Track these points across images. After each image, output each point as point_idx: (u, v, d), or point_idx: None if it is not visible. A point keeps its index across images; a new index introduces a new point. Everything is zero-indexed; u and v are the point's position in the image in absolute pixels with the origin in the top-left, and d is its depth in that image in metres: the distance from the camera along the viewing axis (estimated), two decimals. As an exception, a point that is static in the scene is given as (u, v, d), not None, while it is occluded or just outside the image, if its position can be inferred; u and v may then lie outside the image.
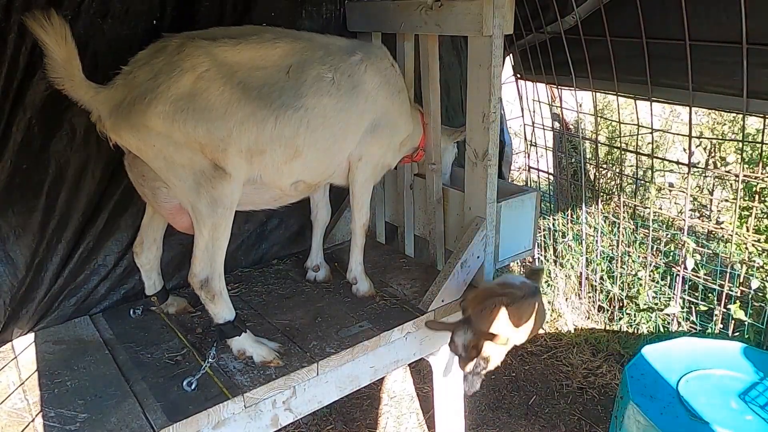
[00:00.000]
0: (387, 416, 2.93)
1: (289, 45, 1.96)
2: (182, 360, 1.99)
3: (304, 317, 2.26)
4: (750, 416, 2.05)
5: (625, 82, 3.05)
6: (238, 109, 1.81)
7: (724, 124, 4.62)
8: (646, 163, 3.93)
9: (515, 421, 2.87)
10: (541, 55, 3.41)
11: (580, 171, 3.66)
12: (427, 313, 2.26)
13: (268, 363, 1.94)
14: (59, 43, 1.62)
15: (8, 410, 1.78)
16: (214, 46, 1.80)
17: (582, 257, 3.61)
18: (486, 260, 2.39)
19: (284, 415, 1.95)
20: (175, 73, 1.73)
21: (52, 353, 2.05)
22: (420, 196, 2.70)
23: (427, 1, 2.19)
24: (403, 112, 2.32)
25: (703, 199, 4.25)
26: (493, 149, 2.24)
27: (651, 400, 2.13)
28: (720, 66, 2.60)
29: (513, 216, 2.49)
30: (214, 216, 1.85)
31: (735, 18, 2.38)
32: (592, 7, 2.95)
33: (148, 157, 1.82)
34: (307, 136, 1.97)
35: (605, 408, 2.91)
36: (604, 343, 3.33)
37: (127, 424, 1.69)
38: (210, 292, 1.91)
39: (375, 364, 2.18)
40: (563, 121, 3.87)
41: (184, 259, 2.40)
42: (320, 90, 1.98)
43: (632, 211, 3.52)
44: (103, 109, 1.75)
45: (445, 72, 3.00)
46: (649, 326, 3.26)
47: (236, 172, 1.86)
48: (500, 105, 3.54)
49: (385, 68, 2.22)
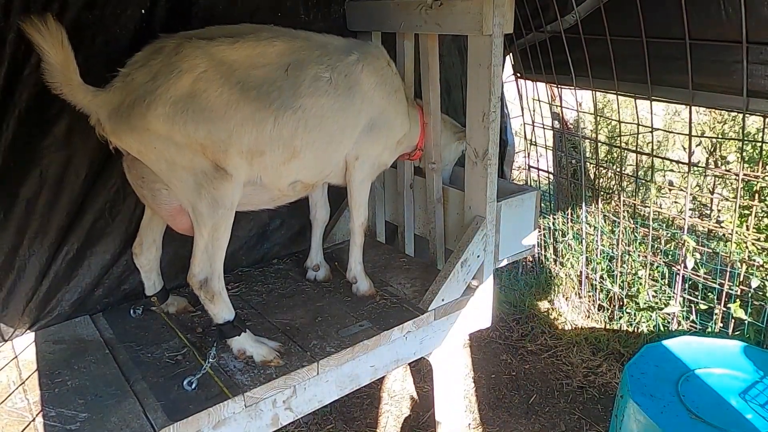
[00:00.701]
0: (387, 416, 2.93)
1: (286, 44, 1.95)
2: (182, 359, 1.99)
3: (304, 316, 2.26)
4: (750, 415, 2.05)
5: (625, 82, 3.05)
6: (238, 109, 1.81)
7: (725, 123, 4.62)
8: (647, 162, 3.93)
9: (515, 419, 2.87)
10: (541, 55, 3.41)
11: (580, 170, 3.66)
12: (427, 313, 2.26)
13: (269, 362, 1.94)
14: (56, 48, 1.62)
15: (9, 410, 1.78)
16: (211, 46, 1.80)
17: (582, 256, 3.61)
18: (486, 259, 2.39)
19: (284, 415, 1.95)
20: (173, 74, 1.73)
21: (53, 353, 2.06)
22: (420, 196, 2.70)
23: (427, 1, 2.19)
24: (400, 112, 2.33)
25: (703, 199, 4.24)
26: (493, 149, 2.24)
27: (651, 399, 2.13)
28: (720, 65, 2.60)
29: (513, 215, 2.49)
30: (215, 217, 1.85)
31: (735, 16, 2.38)
32: (592, 6, 2.95)
33: (149, 160, 1.82)
34: (304, 137, 1.97)
35: (605, 407, 2.91)
36: (604, 342, 3.33)
37: (128, 423, 1.69)
38: (209, 293, 1.91)
39: (375, 364, 2.18)
40: (563, 120, 3.87)
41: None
42: (318, 90, 1.98)
43: (632, 211, 3.52)
44: (102, 112, 1.75)
45: (445, 72, 3.00)
46: (649, 325, 3.26)
47: (237, 173, 1.86)
48: (504, 104, 3.56)
49: (381, 68, 2.22)
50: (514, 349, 3.41)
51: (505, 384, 3.13)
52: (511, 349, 3.41)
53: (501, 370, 3.23)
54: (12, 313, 2.13)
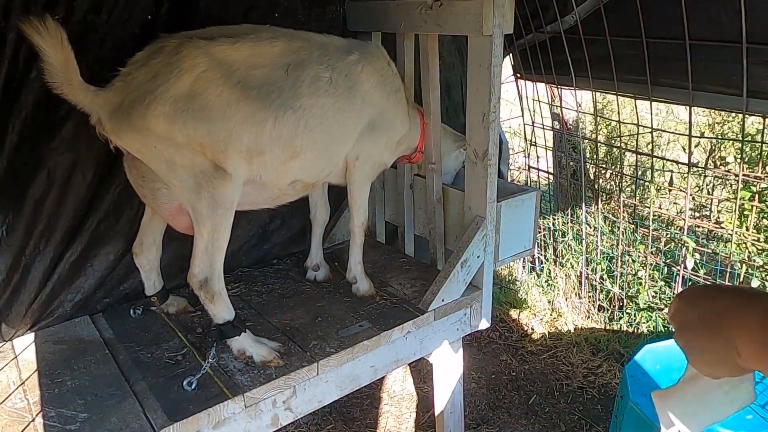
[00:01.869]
0: (387, 416, 2.93)
1: (286, 43, 1.96)
2: (182, 360, 1.99)
3: (304, 317, 2.26)
4: (750, 416, 2.05)
5: (625, 82, 3.05)
6: (238, 109, 1.81)
7: (725, 124, 4.63)
8: (647, 162, 3.93)
9: (515, 420, 2.87)
10: (541, 55, 3.41)
11: (579, 171, 3.67)
12: (427, 313, 2.26)
13: (268, 363, 1.94)
14: (56, 48, 1.62)
15: (8, 410, 1.78)
16: (212, 46, 1.80)
17: (582, 257, 3.61)
18: (486, 260, 2.39)
19: (284, 415, 1.95)
20: (173, 73, 1.73)
21: (52, 353, 2.06)
22: (420, 196, 2.70)
23: (427, 1, 2.19)
24: (400, 112, 2.33)
25: (702, 199, 4.25)
26: (493, 149, 2.24)
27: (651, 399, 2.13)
28: (720, 65, 2.60)
29: (513, 215, 2.49)
30: (214, 216, 1.85)
31: (734, 17, 2.38)
32: (592, 6, 2.95)
33: (149, 159, 1.82)
34: (305, 137, 1.97)
35: (605, 407, 2.91)
36: (604, 342, 3.34)
37: (128, 423, 1.69)
38: (209, 293, 1.91)
39: (375, 364, 2.18)
40: (563, 120, 3.87)
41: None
42: (318, 90, 1.98)
43: (632, 211, 3.52)
44: (103, 112, 1.75)
45: (445, 72, 3.00)
46: (649, 326, 3.27)
47: (236, 173, 1.86)
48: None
49: (381, 68, 2.22)
50: (514, 349, 3.41)
51: (505, 384, 3.13)
52: (511, 350, 3.41)
53: (501, 371, 3.23)
54: (15, 314, 2.12)
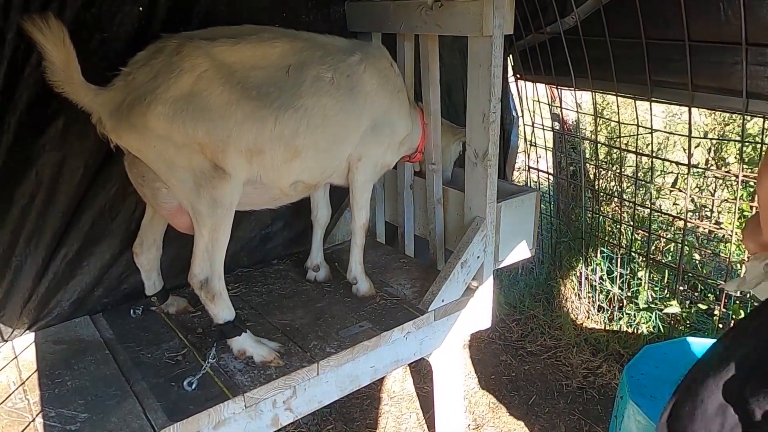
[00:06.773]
0: (387, 416, 2.93)
1: (288, 44, 1.96)
2: (182, 360, 1.99)
3: (304, 317, 2.26)
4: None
5: (625, 83, 3.05)
6: (238, 109, 1.81)
7: (727, 125, 4.62)
8: (647, 163, 3.93)
9: (515, 420, 2.87)
10: (541, 56, 3.41)
11: (579, 171, 3.66)
12: (427, 313, 2.26)
13: (269, 363, 1.94)
14: (57, 47, 1.62)
15: (9, 410, 1.78)
16: (212, 47, 1.80)
17: (581, 257, 3.61)
18: (486, 260, 2.39)
19: (284, 415, 1.95)
20: (174, 73, 1.73)
21: (53, 353, 2.06)
22: (420, 196, 2.70)
23: (427, 2, 2.19)
24: (402, 112, 2.33)
25: (702, 200, 4.24)
26: (493, 149, 2.24)
27: (651, 400, 2.13)
28: (720, 66, 2.60)
29: (513, 216, 2.50)
30: (214, 216, 1.85)
31: (735, 18, 2.38)
32: (592, 7, 2.95)
33: (149, 159, 1.82)
34: (306, 137, 1.97)
35: (605, 408, 2.91)
36: (604, 342, 3.33)
37: (128, 423, 1.69)
38: (210, 293, 1.91)
39: (375, 364, 2.18)
40: (563, 121, 3.87)
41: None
42: (319, 90, 1.98)
43: (632, 211, 3.52)
44: (104, 111, 1.75)
45: (446, 73, 3.00)
46: (649, 326, 3.26)
47: (236, 173, 1.86)
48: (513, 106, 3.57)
49: (384, 68, 2.22)
50: (513, 349, 3.41)
51: (505, 385, 3.13)
52: (510, 350, 3.41)
53: (501, 371, 3.23)
54: (10, 313, 2.12)
